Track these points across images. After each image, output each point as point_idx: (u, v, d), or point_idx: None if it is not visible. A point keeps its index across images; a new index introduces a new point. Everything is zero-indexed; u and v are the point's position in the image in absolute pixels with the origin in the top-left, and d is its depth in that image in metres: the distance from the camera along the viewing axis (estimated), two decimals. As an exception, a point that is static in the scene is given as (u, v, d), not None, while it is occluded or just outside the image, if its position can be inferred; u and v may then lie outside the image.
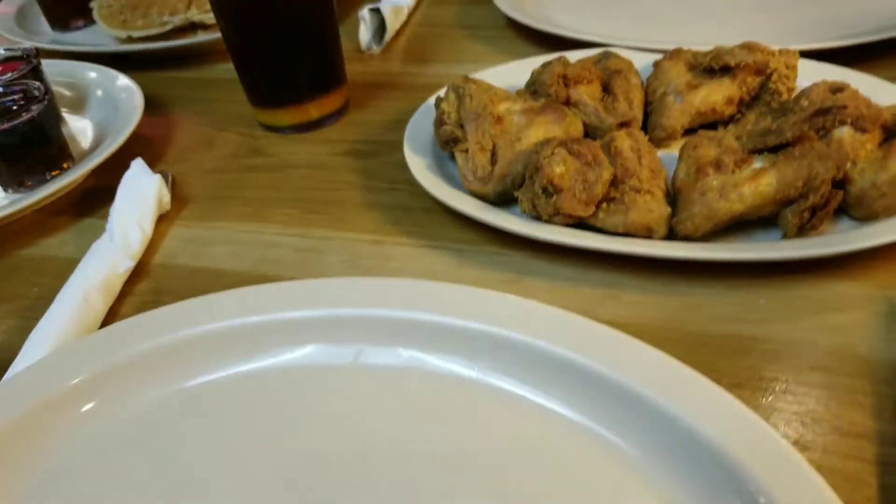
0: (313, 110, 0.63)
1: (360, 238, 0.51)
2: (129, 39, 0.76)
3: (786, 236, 0.43)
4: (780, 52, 0.52)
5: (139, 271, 0.51)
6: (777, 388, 0.37)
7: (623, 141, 0.47)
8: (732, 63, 0.51)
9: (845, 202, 0.44)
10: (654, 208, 0.44)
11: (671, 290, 0.43)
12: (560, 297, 0.44)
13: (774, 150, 0.45)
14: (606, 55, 0.58)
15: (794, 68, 0.51)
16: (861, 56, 0.58)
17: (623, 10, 0.73)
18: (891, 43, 0.59)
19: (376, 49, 0.74)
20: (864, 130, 0.45)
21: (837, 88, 0.46)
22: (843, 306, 0.41)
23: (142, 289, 0.50)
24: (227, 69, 0.64)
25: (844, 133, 0.45)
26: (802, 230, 0.43)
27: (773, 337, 0.40)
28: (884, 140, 0.46)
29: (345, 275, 0.48)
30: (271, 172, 0.60)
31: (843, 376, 0.37)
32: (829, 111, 0.43)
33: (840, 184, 0.44)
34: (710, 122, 0.52)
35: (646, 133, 0.52)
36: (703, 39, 0.58)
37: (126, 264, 0.50)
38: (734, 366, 0.38)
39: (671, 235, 0.44)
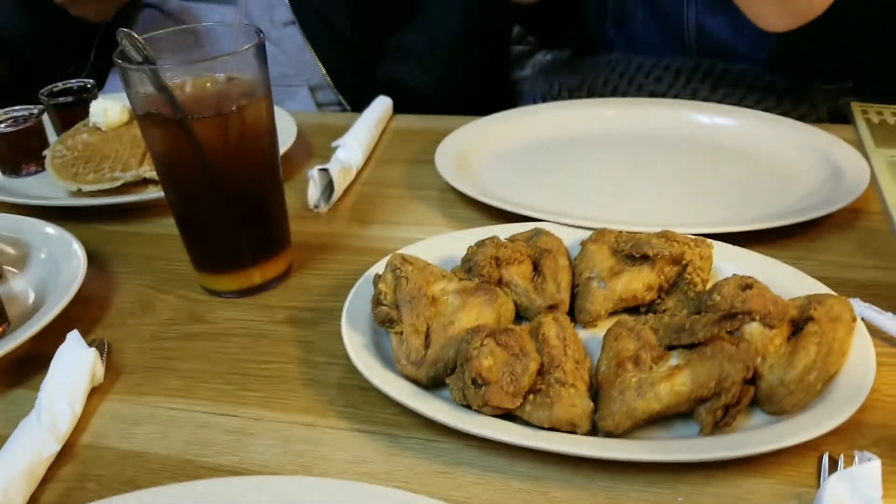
0: (256, 276, 0.64)
1: (292, 420, 0.51)
2: (80, 192, 0.78)
3: (703, 433, 0.45)
4: (696, 242, 0.56)
5: (65, 453, 0.50)
6: None
7: (550, 328, 0.50)
8: (651, 253, 0.54)
9: (757, 397, 0.47)
10: (577, 403, 0.45)
11: (595, 486, 0.44)
12: (489, 491, 0.45)
13: (690, 346, 0.47)
14: (538, 232, 0.61)
15: (708, 258, 0.55)
16: (767, 236, 0.63)
17: (553, 179, 0.78)
18: (792, 227, 0.65)
19: (324, 207, 0.77)
20: (771, 326, 0.48)
21: (746, 285, 0.50)
22: (755, 505, 0.42)
23: (66, 474, 0.49)
24: (172, 224, 0.66)
25: (754, 329, 0.48)
26: (717, 427, 0.45)
27: (691, 540, 0.41)
28: (791, 333, 0.49)
29: (274, 462, 0.48)
30: (209, 341, 0.60)
31: (758, 588, 0.38)
32: (735, 316, 0.46)
33: (752, 379, 0.47)
34: (632, 306, 0.55)
35: (571, 314, 0.55)
36: (626, 217, 0.62)
37: (52, 448, 0.49)
38: (654, 574, 0.39)
39: (595, 430, 0.46)
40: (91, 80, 0.94)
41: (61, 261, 0.66)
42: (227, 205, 0.60)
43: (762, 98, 0.93)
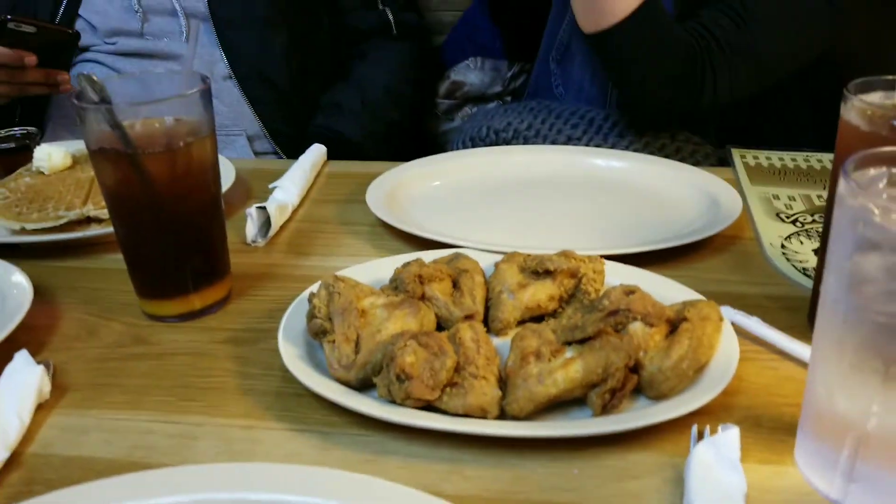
0: (197, 301, 0.69)
1: (232, 423, 0.56)
2: (23, 231, 0.81)
3: (594, 414, 0.52)
4: (590, 259, 0.64)
5: (12, 461, 0.53)
6: (585, 549, 0.44)
7: (466, 332, 0.57)
8: (552, 268, 0.62)
9: (640, 384, 0.54)
10: (487, 392, 0.52)
11: (504, 464, 0.51)
12: (412, 474, 0.51)
13: (582, 342, 0.55)
14: (457, 256, 0.69)
15: (600, 272, 0.64)
16: (657, 258, 0.73)
17: (472, 214, 0.87)
18: (680, 247, 0.74)
19: (261, 242, 0.83)
20: (652, 325, 0.57)
21: (630, 291, 0.58)
22: (639, 473, 0.50)
23: (13, 479, 0.52)
24: (116, 259, 0.70)
25: (637, 327, 0.56)
26: (606, 409, 0.52)
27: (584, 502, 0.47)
28: (669, 332, 0.58)
29: (217, 460, 0.52)
30: (152, 360, 0.64)
31: (638, 536, 0.45)
32: (618, 312, 0.55)
33: (635, 369, 0.55)
34: (537, 315, 0.63)
35: (486, 324, 0.62)
36: (534, 243, 0.71)
37: (1, 455, 0.52)
38: (553, 531, 0.45)
39: (503, 416, 0.53)
40: (34, 128, 0.98)
41: (6, 291, 0.69)
42: (173, 234, 0.66)
43: (664, 147, 1.06)
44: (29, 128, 0.98)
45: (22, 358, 0.59)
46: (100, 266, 0.80)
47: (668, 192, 0.89)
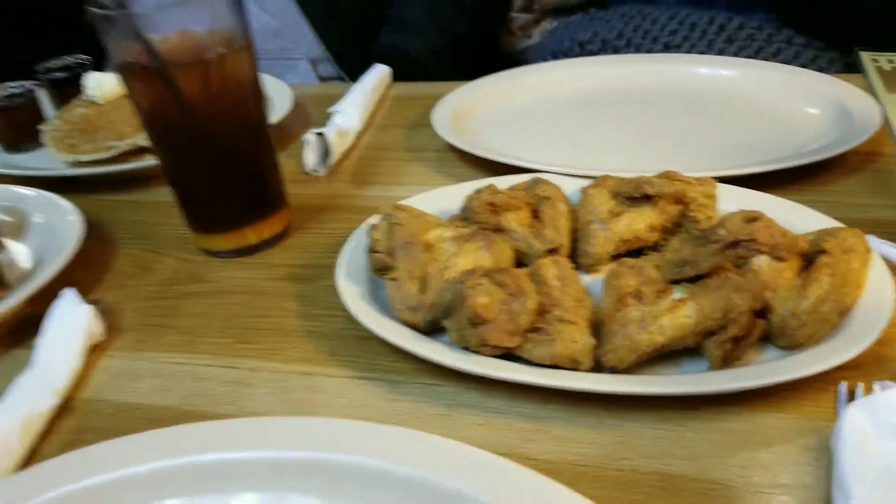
0: (251, 235, 0.63)
1: (291, 369, 0.50)
2: (77, 163, 0.77)
3: (712, 367, 0.43)
4: (698, 181, 0.54)
5: (64, 408, 0.49)
6: (705, 532, 0.36)
7: (549, 269, 0.48)
8: (651, 192, 0.53)
9: (769, 332, 0.45)
10: (577, 339, 0.44)
11: (601, 424, 0.43)
12: (491, 432, 0.44)
13: (693, 280, 0.46)
14: (536, 181, 0.59)
15: (711, 196, 0.53)
16: (779, 181, 0.61)
17: (553, 135, 0.77)
18: (807, 168, 0.63)
19: (321, 171, 0.76)
20: (781, 259, 0.47)
21: (752, 218, 0.48)
22: (771, 440, 0.41)
23: (66, 426, 0.48)
24: (170, 192, 0.65)
25: (763, 262, 0.46)
26: (727, 361, 0.43)
27: (702, 474, 0.39)
28: (803, 268, 0.47)
29: (272, 409, 0.47)
30: (207, 299, 0.59)
31: (772, 516, 0.36)
32: (739, 244, 0.45)
33: (762, 313, 0.45)
34: (636, 249, 0.54)
35: (573, 260, 0.53)
36: (628, 165, 0.60)
37: (50, 402, 0.48)
38: (664, 506, 0.38)
39: (598, 367, 0.44)
40: (87, 57, 0.93)
41: (58, 226, 0.66)
42: (215, 160, 0.59)
43: (779, 52, 0.91)
44: (81, 56, 0.93)
45: (70, 297, 0.55)
46: (154, 199, 0.75)
47: (789, 104, 0.75)
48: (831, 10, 0.85)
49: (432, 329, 0.49)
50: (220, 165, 0.59)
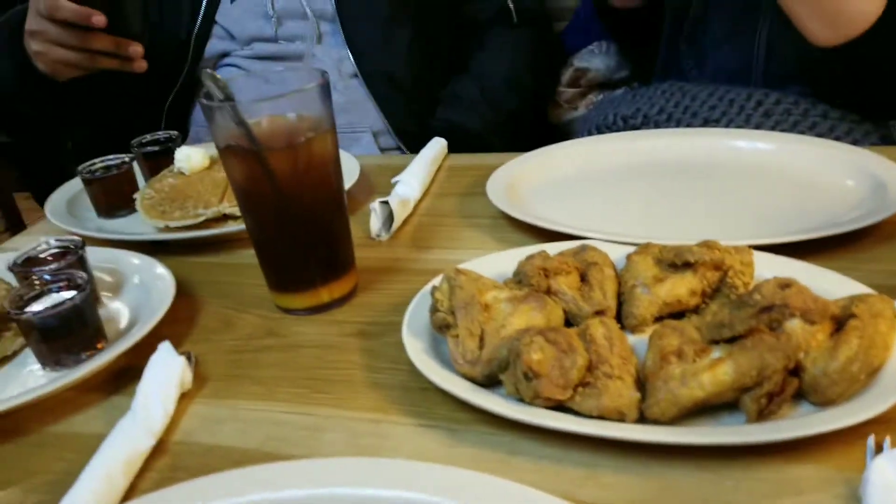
0: (325, 294, 0.70)
1: (360, 417, 0.56)
2: (167, 229, 0.86)
3: (749, 420, 0.47)
4: (736, 249, 0.58)
5: (159, 448, 0.55)
6: (742, 572, 0.39)
7: (597, 329, 0.53)
8: (693, 260, 0.57)
9: (802, 389, 0.48)
10: (624, 393, 0.48)
11: (647, 472, 0.47)
12: (544, 478, 0.48)
13: (731, 341, 0.50)
14: (584, 248, 0.65)
15: (749, 264, 0.58)
16: (815, 249, 0.65)
17: (600, 205, 0.82)
18: (842, 236, 0.66)
19: (385, 236, 0.83)
20: (813, 322, 0.50)
21: (785, 285, 0.52)
22: (804, 489, 0.44)
23: (160, 465, 0.54)
24: (250, 254, 0.72)
25: (795, 325, 0.50)
26: (762, 415, 0.47)
27: (739, 520, 0.43)
28: (835, 331, 0.51)
29: (344, 453, 0.52)
30: (283, 352, 0.65)
31: (805, 561, 0.39)
32: (773, 308, 0.49)
33: (796, 371, 0.49)
34: (677, 312, 0.58)
35: (619, 322, 0.58)
36: (670, 233, 0.65)
37: (148, 443, 0.54)
38: (703, 549, 0.41)
39: (643, 420, 0.48)
40: (175, 132, 1.04)
41: (152, 286, 0.73)
42: (298, 228, 0.67)
43: (815, 125, 0.95)
44: (171, 132, 1.04)
45: (165, 349, 0.62)
46: (236, 262, 0.83)
47: (824, 176, 0.80)
48: (865, 86, 0.89)
49: (489, 382, 0.54)
50: (301, 232, 0.67)
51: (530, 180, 0.88)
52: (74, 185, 1.02)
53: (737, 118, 0.95)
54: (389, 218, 0.84)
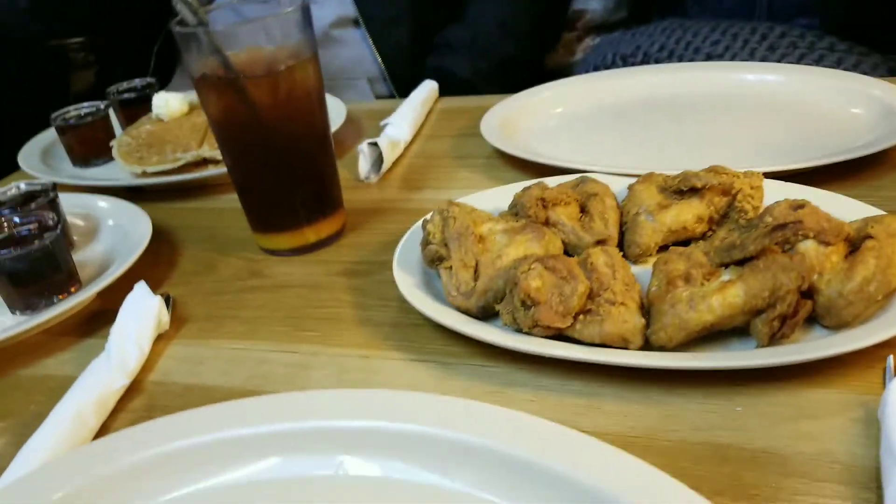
0: (310, 234, 0.66)
1: (348, 353, 0.53)
2: (144, 174, 0.82)
3: (759, 345, 0.44)
4: (745, 174, 0.55)
5: (134, 389, 0.52)
6: (757, 495, 0.37)
7: (598, 256, 0.50)
8: (699, 185, 0.54)
9: (815, 312, 0.46)
10: (628, 319, 0.45)
11: (650, 400, 0.44)
12: (543, 408, 0.45)
13: (741, 263, 0.47)
14: (584, 180, 0.61)
15: (758, 188, 0.55)
16: (825, 178, 0.62)
17: (599, 141, 0.79)
18: (852, 164, 0.63)
19: (374, 178, 0.79)
20: (827, 244, 0.47)
21: (798, 206, 0.49)
22: (818, 413, 0.41)
23: (135, 405, 0.51)
24: (232, 199, 0.69)
25: (809, 246, 0.47)
26: (774, 339, 0.44)
27: (750, 444, 0.40)
28: (849, 253, 0.48)
29: (331, 388, 0.49)
30: (268, 293, 0.62)
31: (823, 482, 0.37)
32: (786, 226, 0.46)
33: (809, 294, 0.46)
34: (682, 240, 0.55)
35: (622, 251, 0.55)
36: (673, 166, 0.62)
37: (121, 382, 0.51)
38: (714, 473, 0.38)
39: (648, 346, 0.46)
40: (153, 79, 0.99)
41: (128, 228, 0.70)
42: (281, 164, 0.63)
43: (821, 58, 0.91)
44: (149, 78, 0.99)
45: (141, 289, 0.59)
46: (217, 206, 0.79)
47: (833, 106, 0.76)
48: (874, 15, 0.85)
49: (484, 315, 0.51)
50: (284, 168, 0.63)
51: (527, 119, 0.85)
52: (50, 134, 0.98)
53: (741, 52, 0.91)
54: (378, 160, 0.81)
